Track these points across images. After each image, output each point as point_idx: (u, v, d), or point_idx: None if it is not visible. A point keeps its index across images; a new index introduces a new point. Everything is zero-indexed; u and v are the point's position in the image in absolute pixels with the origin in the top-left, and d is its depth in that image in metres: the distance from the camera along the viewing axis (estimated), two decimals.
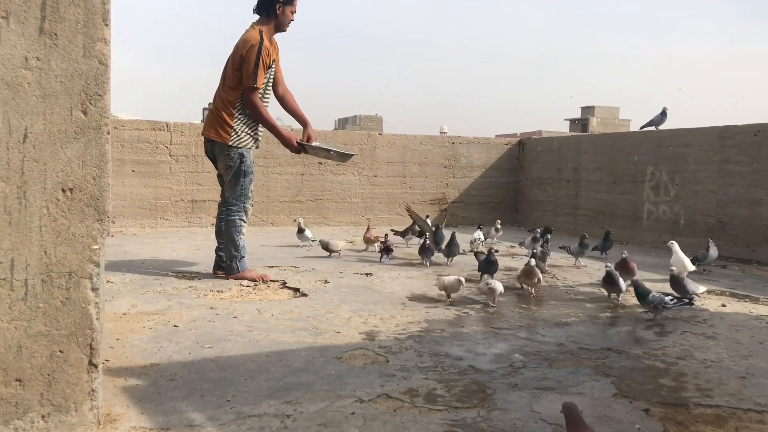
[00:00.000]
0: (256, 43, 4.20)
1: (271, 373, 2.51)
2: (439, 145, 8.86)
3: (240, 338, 2.98)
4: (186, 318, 3.32)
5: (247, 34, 4.30)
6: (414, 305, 3.76)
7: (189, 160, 7.45)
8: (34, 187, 1.84)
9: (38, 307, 1.85)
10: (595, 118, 45.69)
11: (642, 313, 3.67)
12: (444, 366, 2.65)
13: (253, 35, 4.25)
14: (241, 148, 4.33)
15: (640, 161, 7.18)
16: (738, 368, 2.73)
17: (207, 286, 4.14)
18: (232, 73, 4.29)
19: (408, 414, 2.14)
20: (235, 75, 4.27)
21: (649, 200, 7.07)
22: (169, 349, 2.78)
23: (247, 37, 4.27)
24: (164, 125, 7.37)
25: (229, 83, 4.31)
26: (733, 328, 3.43)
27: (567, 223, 8.18)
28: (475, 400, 2.28)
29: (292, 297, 3.96)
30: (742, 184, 6.04)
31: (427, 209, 8.70)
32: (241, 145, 4.33)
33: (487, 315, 3.60)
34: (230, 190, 4.40)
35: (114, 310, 3.44)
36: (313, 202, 8.13)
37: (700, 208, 6.46)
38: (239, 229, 4.39)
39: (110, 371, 2.47)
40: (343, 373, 2.52)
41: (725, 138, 6.22)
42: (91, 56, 1.88)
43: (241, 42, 4.27)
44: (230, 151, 4.31)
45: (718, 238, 6.17)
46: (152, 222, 7.32)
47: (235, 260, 4.38)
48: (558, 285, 4.56)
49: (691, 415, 2.21)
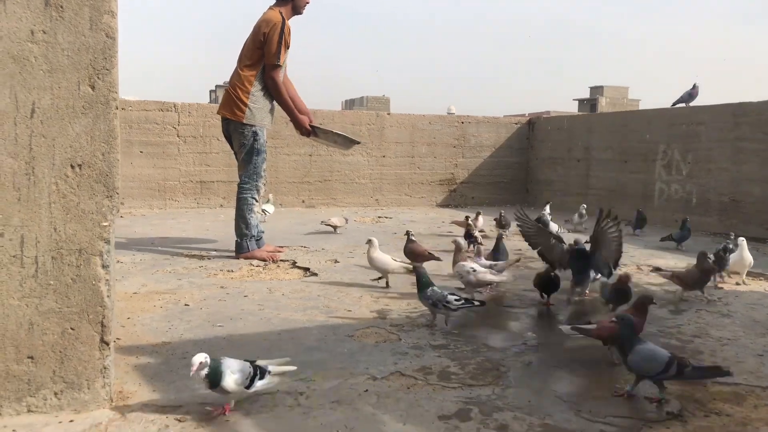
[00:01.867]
0: (279, 23, 4.24)
1: (283, 350, 2.49)
2: (448, 124, 8.79)
3: (251, 317, 2.97)
4: (197, 297, 3.31)
5: (268, 14, 4.33)
6: None
7: (197, 141, 7.42)
8: (43, 163, 1.81)
9: (49, 284, 1.83)
10: (604, 98, 45.25)
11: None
12: (457, 344, 2.63)
13: (275, 15, 4.29)
14: (255, 126, 4.35)
15: (651, 139, 7.09)
16: (755, 346, 2.70)
17: (217, 265, 4.13)
18: (252, 52, 4.32)
19: (422, 391, 2.12)
20: (255, 53, 4.30)
21: (660, 179, 6.99)
22: (181, 328, 2.77)
23: (269, 16, 4.30)
24: (172, 106, 7.33)
25: (246, 61, 4.34)
26: (749, 306, 3.39)
27: (577, 202, 8.09)
28: (490, 378, 2.25)
29: (303, 276, 3.94)
30: (756, 162, 5.96)
31: (435, 190, 8.67)
32: (255, 122, 4.35)
33: (499, 294, 3.57)
34: (243, 168, 4.42)
35: (124, 289, 3.43)
36: (322, 183, 8.10)
37: (713, 187, 6.38)
38: (251, 207, 4.40)
39: (122, 349, 2.47)
40: (356, 351, 2.50)
41: (739, 115, 6.13)
42: (98, 29, 1.84)
43: (263, 21, 4.29)
44: (244, 128, 4.34)
45: (732, 216, 6.12)
46: (161, 203, 7.32)
47: (245, 239, 4.39)
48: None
49: (709, 392, 2.17)
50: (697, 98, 6.93)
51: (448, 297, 2.81)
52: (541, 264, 3.49)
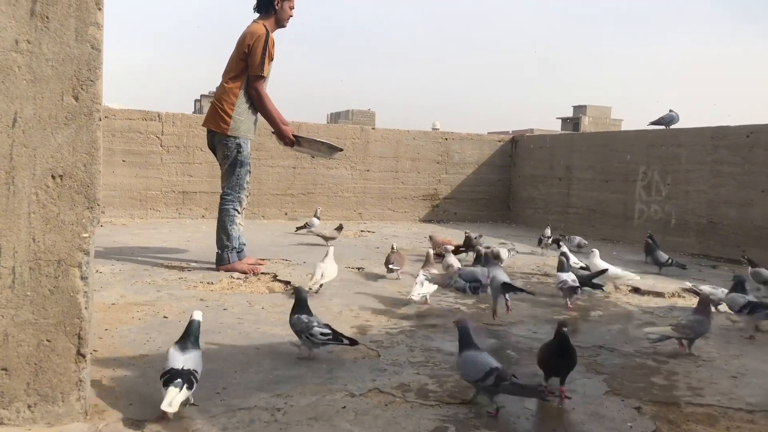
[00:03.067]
0: (263, 35, 4.28)
1: (261, 365, 2.48)
2: (432, 140, 8.84)
3: (230, 330, 2.95)
4: (176, 309, 3.29)
5: (252, 27, 4.37)
6: (406, 300, 3.74)
7: (180, 151, 7.39)
8: (23, 173, 1.80)
9: (26, 295, 1.81)
10: (587, 117, 45.77)
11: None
12: (435, 361, 2.64)
13: (259, 28, 4.33)
14: (239, 138, 4.36)
15: (632, 160, 7.18)
16: (729, 367, 2.74)
17: (197, 277, 4.10)
18: (236, 64, 4.35)
19: (400, 409, 2.12)
20: (239, 65, 4.33)
21: (640, 199, 7.08)
22: (159, 340, 2.75)
23: (253, 29, 4.33)
24: (156, 115, 7.31)
25: (231, 74, 4.36)
26: (723, 328, 3.44)
27: (558, 221, 8.18)
28: (467, 396, 2.26)
29: (283, 290, 3.93)
30: (733, 185, 6.06)
31: (419, 205, 8.70)
32: (239, 134, 4.36)
33: (479, 311, 3.59)
34: (226, 179, 4.43)
35: (103, 300, 3.40)
36: (305, 195, 8.09)
37: (691, 208, 6.47)
38: (232, 219, 4.40)
39: (98, 362, 2.44)
40: (335, 367, 2.50)
41: (718, 138, 6.24)
42: (84, 41, 1.84)
43: (247, 34, 4.32)
44: (228, 140, 4.35)
45: (709, 238, 6.21)
46: (142, 213, 7.26)
47: (226, 250, 4.38)
48: (550, 283, 4.55)
49: (683, 413, 2.20)
50: (679, 121, 7.04)
51: (314, 329, 2.49)
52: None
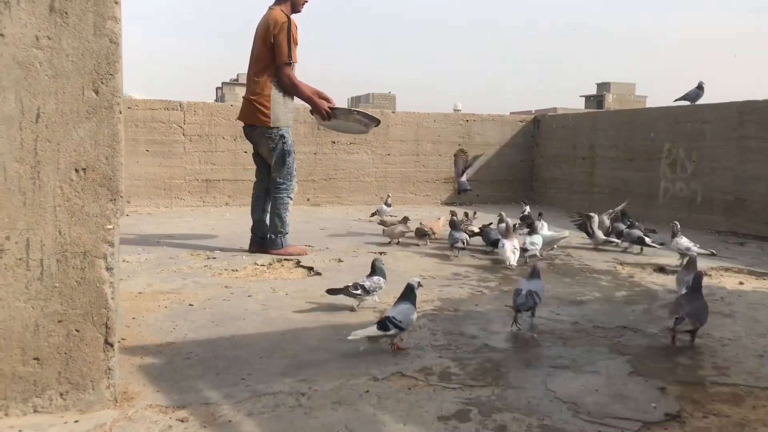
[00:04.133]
0: (285, 22, 4.30)
1: (285, 351, 2.52)
2: (453, 122, 8.79)
3: (255, 317, 2.99)
4: (201, 297, 3.34)
5: (271, 16, 4.38)
6: (427, 284, 3.75)
7: (202, 140, 7.45)
8: (48, 168, 1.84)
9: (54, 286, 1.86)
10: (611, 94, 45.09)
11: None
12: (458, 344, 2.65)
13: (279, 15, 4.35)
14: (281, 128, 4.45)
15: (656, 138, 7.07)
16: (755, 346, 2.71)
17: (222, 265, 4.16)
18: (263, 56, 4.38)
19: (422, 392, 2.14)
20: (267, 56, 4.36)
21: (665, 177, 6.98)
22: (185, 328, 2.80)
23: (274, 17, 4.34)
24: (177, 105, 7.37)
25: (260, 66, 4.40)
26: (751, 306, 3.39)
27: (582, 200, 8.10)
28: (490, 378, 2.27)
29: (306, 276, 3.97)
30: (761, 161, 5.94)
31: (440, 188, 8.68)
32: (280, 124, 4.45)
33: (502, 293, 3.59)
34: (277, 170, 4.53)
35: (130, 289, 3.46)
36: (327, 181, 8.12)
37: (717, 185, 6.37)
38: (287, 206, 4.56)
39: (126, 350, 2.50)
40: (358, 352, 2.52)
41: (745, 113, 6.11)
42: (102, 35, 1.86)
43: (270, 23, 4.33)
44: (271, 132, 4.43)
45: (737, 215, 6.11)
46: (167, 201, 7.36)
47: (280, 236, 4.54)
48: (573, 263, 4.53)
49: (708, 393, 2.19)
50: (704, 96, 6.91)
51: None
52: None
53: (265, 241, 4.58)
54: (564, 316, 3.14)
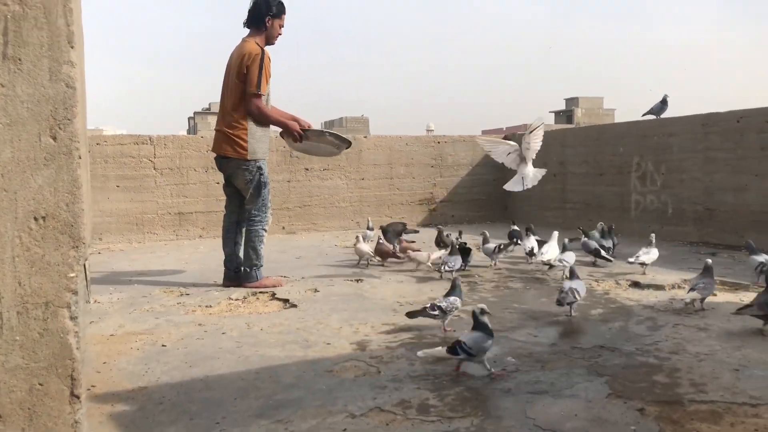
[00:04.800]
0: (259, 53, 4.30)
1: (261, 390, 2.47)
2: (425, 145, 8.84)
3: (229, 355, 2.94)
4: (174, 336, 3.28)
5: (245, 47, 4.37)
6: (405, 310, 3.71)
7: (174, 173, 7.38)
8: (5, 217, 1.79)
9: (15, 339, 1.80)
10: (580, 109, 45.86)
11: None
12: (436, 374, 2.62)
13: (253, 47, 4.34)
14: (258, 160, 4.43)
15: (625, 152, 7.18)
16: (731, 360, 2.72)
17: (195, 301, 4.09)
18: (237, 87, 4.36)
19: (400, 427, 2.10)
20: (240, 87, 4.34)
21: (636, 191, 7.07)
22: (158, 371, 2.74)
23: (249, 49, 4.33)
24: (147, 139, 7.30)
25: (234, 99, 4.37)
26: (725, 318, 3.42)
27: (556, 217, 8.17)
28: (469, 409, 2.25)
29: (282, 309, 3.92)
30: (727, 171, 6.05)
31: (415, 210, 8.69)
32: (258, 156, 4.43)
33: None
34: (252, 202, 4.49)
35: (101, 331, 3.39)
36: (301, 208, 8.09)
37: (687, 197, 6.46)
38: (261, 238, 4.53)
39: (97, 397, 2.43)
40: (334, 387, 2.48)
41: (708, 125, 6.23)
42: (58, 80, 1.83)
43: (245, 54, 4.31)
44: (248, 164, 4.40)
45: (707, 225, 6.20)
46: (139, 237, 7.25)
47: (255, 269, 4.49)
48: (549, 281, 4.54)
49: (686, 412, 2.19)
50: (668, 109, 7.03)
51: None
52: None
53: (239, 274, 4.52)
54: (542, 338, 3.14)
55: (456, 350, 2.54)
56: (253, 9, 4.43)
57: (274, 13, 4.42)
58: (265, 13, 4.39)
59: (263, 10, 4.40)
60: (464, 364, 2.62)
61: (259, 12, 4.41)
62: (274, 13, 4.42)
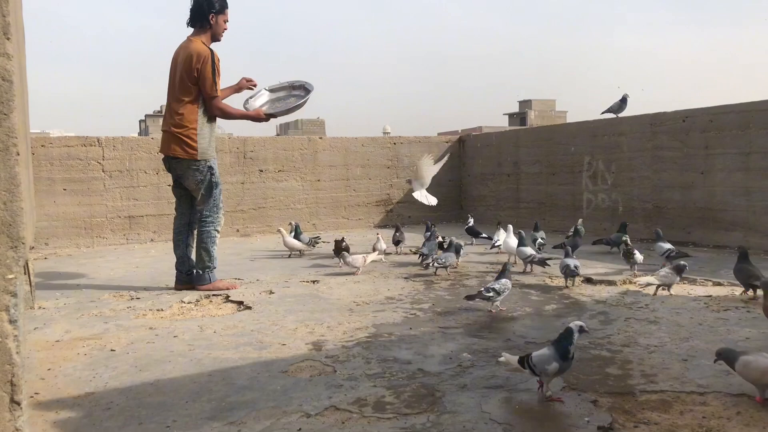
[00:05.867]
0: (208, 55, 4.22)
1: (213, 393, 2.41)
2: (381, 146, 8.84)
3: (181, 358, 2.86)
4: (123, 341, 3.18)
5: (193, 48, 4.26)
6: (361, 310, 3.71)
7: (123, 175, 7.20)
8: None
9: None
10: (533, 111, 46.64)
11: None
12: (392, 371, 2.61)
13: (201, 47, 4.25)
14: (209, 160, 4.35)
15: (576, 152, 7.31)
16: (680, 351, 2.79)
17: (146, 305, 3.98)
18: (186, 88, 4.26)
19: (356, 425, 2.08)
20: (189, 89, 4.25)
21: (587, 189, 7.21)
22: (105, 376, 2.65)
23: (197, 50, 4.23)
24: (95, 140, 7.10)
25: (185, 98, 4.26)
26: (674, 311, 3.51)
27: (510, 216, 8.27)
28: (425, 405, 2.24)
29: (236, 311, 3.85)
30: (674, 169, 6.22)
31: (372, 211, 8.68)
32: (208, 156, 4.35)
33: (435, 315, 3.58)
34: (204, 203, 4.41)
35: (45, 337, 3.26)
36: (256, 210, 7.98)
37: (637, 195, 6.62)
38: (214, 239, 4.44)
39: (41, 405, 2.33)
40: (289, 388, 2.44)
41: (656, 125, 6.40)
42: None
43: (194, 55, 4.21)
44: (199, 164, 4.31)
45: (656, 222, 6.36)
46: (88, 241, 7.04)
47: (207, 271, 4.40)
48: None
49: (638, 402, 2.22)
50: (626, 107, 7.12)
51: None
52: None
53: (191, 276, 4.43)
54: (496, 334, 3.15)
55: (524, 364, 2.34)
56: (194, 7, 4.33)
57: (217, 9, 4.33)
58: (208, 11, 4.31)
59: (205, 8, 4.31)
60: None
61: (201, 10, 4.31)
62: (216, 9, 4.33)
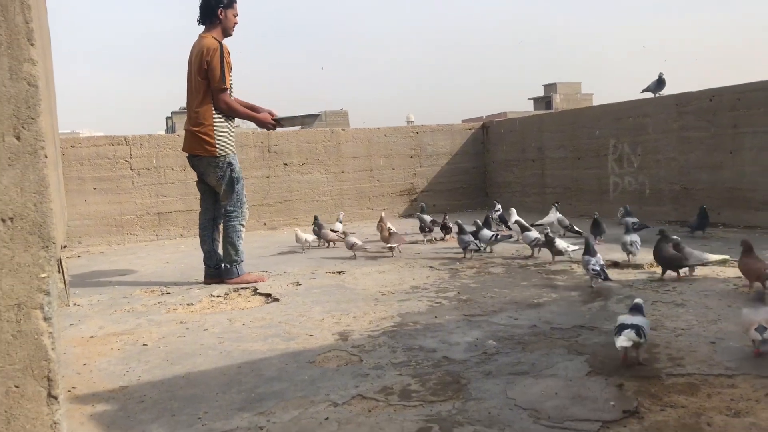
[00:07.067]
0: (217, 47, 4.27)
1: (243, 384, 2.46)
2: (404, 135, 8.84)
3: (211, 351, 2.93)
4: (155, 335, 3.26)
5: (203, 43, 4.33)
6: (386, 300, 3.74)
7: (151, 173, 7.32)
8: None
9: None
10: (558, 94, 46.11)
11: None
12: (418, 360, 2.63)
13: (211, 41, 4.31)
14: (227, 155, 4.41)
15: (601, 135, 7.23)
16: (707, 334, 2.76)
17: (176, 300, 4.07)
18: (201, 85, 4.33)
19: (383, 413, 2.11)
20: (202, 86, 4.32)
21: (614, 173, 7.13)
22: (138, 370, 2.72)
23: (207, 44, 4.30)
24: (122, 139, 7.23)
25: (199, 96, 4.34)
26: (702, 293, 3.47)
27: (536, 202, 8.22)
28: (450, 392, 2.26)
29: (264, 303, 3.90)
30: (702, 150, 6.12)
31: (396, 201, 8.70)
32: (227, 152, 4.41)
33: (461, 303, 3.59)
34: (227, 198, 4.48)
35: (81, 334, 3.36)
36: (282, 203, 8.06)
37: (663, 177, 6.53)
38: (239, 233, 4.51)
39: (77, 399, 2.41)
40: (317, 378, 2.48)
41: (682, 105, 6.29)
42: (19, 78, 1.80)
43: (204, 50, 4.28)
44: (218, 161, 4.38)
45: (684, 204, 6.27)
46: (119, 238, 7.19)
47: (235, 264, 4.48)
48: (530, 265, 4.57)
49: (664, 386, 2.22)
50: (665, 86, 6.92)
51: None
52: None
53: (219, 270, 4.51)
54: (522, 321, 3.16)
55: (640, 333, 2.37)
56: (203, 4, 4.39)
57: (225, 4, 4.38)
58: (216, 6, 4.36)
59: (213, 4, 4.36)
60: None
61: (209, 6, 4.37)
62: (225, 4, 4.37)
